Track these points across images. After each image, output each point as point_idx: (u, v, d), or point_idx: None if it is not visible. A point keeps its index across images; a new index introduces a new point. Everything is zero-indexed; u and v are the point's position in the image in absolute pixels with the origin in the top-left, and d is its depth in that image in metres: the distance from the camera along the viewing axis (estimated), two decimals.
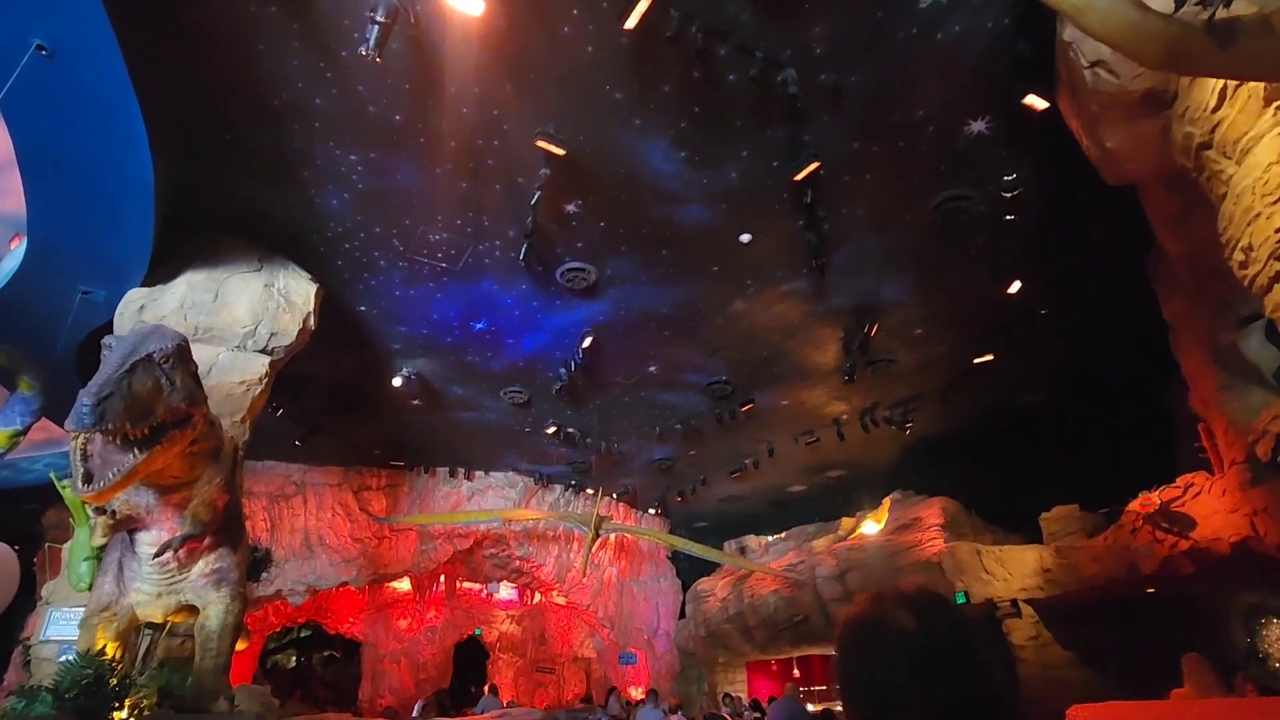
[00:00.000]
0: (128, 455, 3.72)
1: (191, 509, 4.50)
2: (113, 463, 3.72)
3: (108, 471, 3.68)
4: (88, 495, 3.70)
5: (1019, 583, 10.57)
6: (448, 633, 17.08)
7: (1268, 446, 5.25)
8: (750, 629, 14.75)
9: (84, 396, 3.49)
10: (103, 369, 3.65)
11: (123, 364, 3.63)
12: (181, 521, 4.47)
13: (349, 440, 12.05)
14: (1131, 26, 2.35)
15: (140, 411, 3.71)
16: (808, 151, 6.34)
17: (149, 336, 3.96)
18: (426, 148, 6.20)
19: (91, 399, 3.47)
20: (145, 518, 4.50)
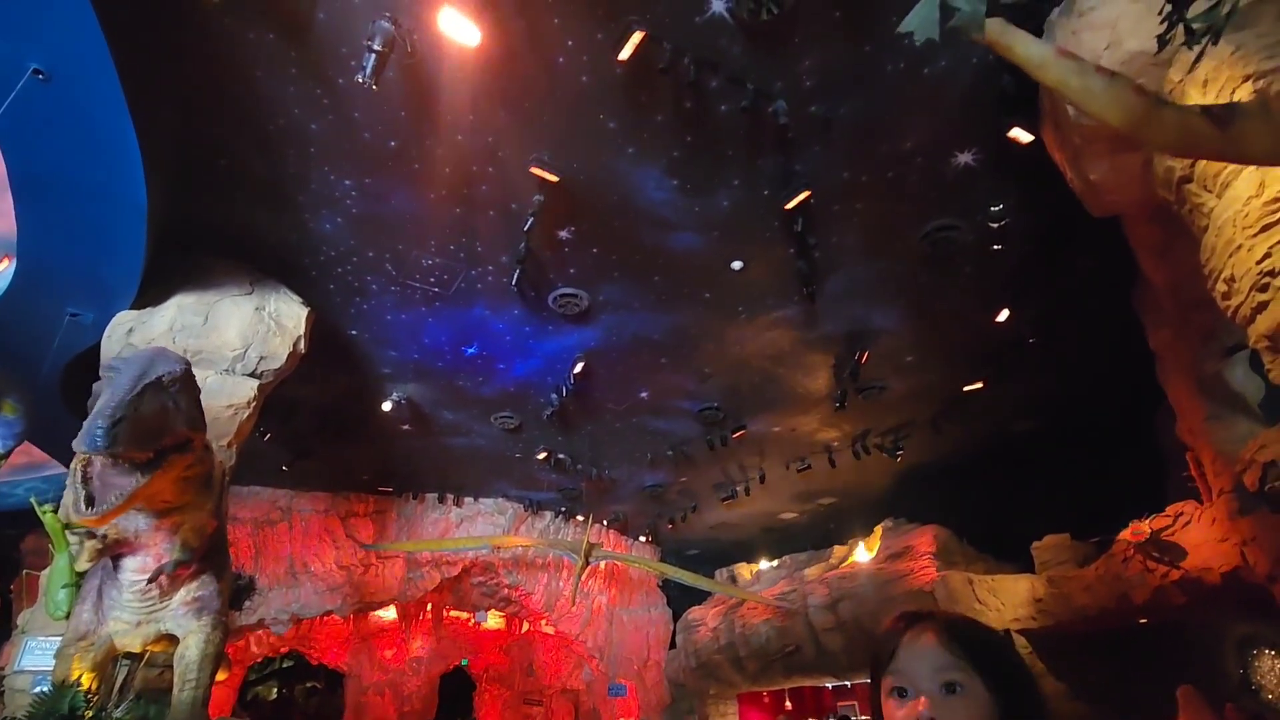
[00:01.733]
0: (129, 478, 3.70)
1: (182, 535, 4.43)
2: (113, 485, 3.69)
3: (109, 495, 3.65)
4: (89, 519, 3.67)
5: (1011, 613, 10.50)
6: (434, 663, 16.72)
7: (1255, 476, 5.28)
8: (742, 659, 14.53)
9: (97, 419, 3.46)
10: (113, 390, 3.62)
11: (133, 387, 3.61)
12: (169, 548, 4.39)
13: (337, 465, 11.92)
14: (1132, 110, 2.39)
15: (148, 435, 3.70)
16: (798, 181, 6.44)
17: (157, 359, 3.95)
18: (421, 174, 6.24)
19: (106, 421, 3.45)
20: (134, 542, 4.41)
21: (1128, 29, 4.55)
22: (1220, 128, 2.21)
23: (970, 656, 0.94)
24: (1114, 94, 2.39)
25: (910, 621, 1.01)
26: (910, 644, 0.97)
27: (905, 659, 0.97)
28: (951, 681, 0.92)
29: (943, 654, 0.95)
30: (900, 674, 0.96)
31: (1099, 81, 2.44)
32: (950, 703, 0.91)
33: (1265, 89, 2.25)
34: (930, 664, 0.94)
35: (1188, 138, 2.32)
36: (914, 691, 0.94)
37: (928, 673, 0.94)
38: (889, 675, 0.98)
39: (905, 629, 1.00)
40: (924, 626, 0.99)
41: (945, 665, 0.93)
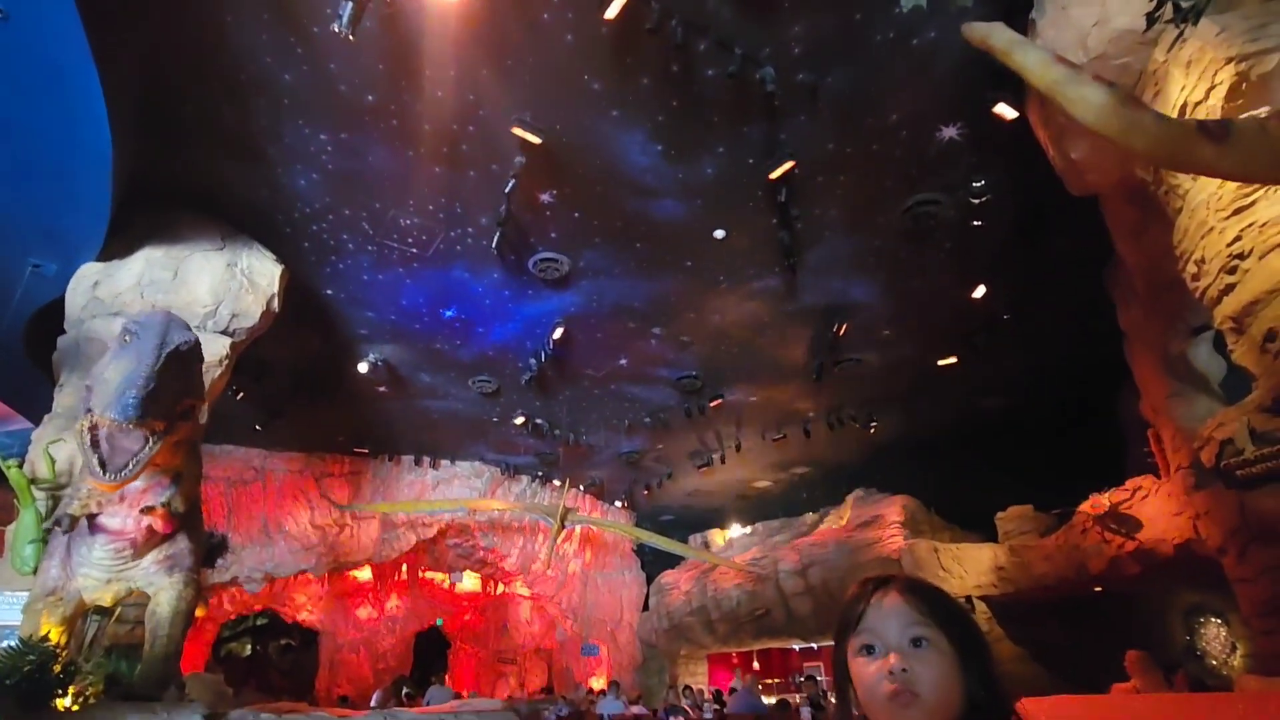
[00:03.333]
0: (138, 443, 3.78)
1: (173, 501, 4.41)
2: (124, 450, 3.75)
3: (121, 460, 3.72)
4: (107, 484, 3.76)
5: (974, 580, 10.86)
6: (409, 622, 16.91)
7: (1212, 453, 5.46)
8: (713, 622, 14.90)
9: (129, 388, 3.52)
10: (139, 358, 3.65)
11: (158, 356, 3.65)
12: (161, 495, 4.36)
13: (312, 426, 11.82)
14: (1125, 122, 2.37)
15: (168, 405, 3.80)
16: (783, 150, 6.39)
17: (172, 326, 3.95)
18: (399, 130, 6.09)
19: (140, 391, 3.51)
20: (115, 504, 4.36)
21: (1116, 6, 4.55)
22: (1214, 143, 2.20)
23: (932, 613, 0.99)
24: (1108, 105, 2.37)
25: (876, 585, 1.06)
26: (878, 604, 1.02)
27: (873, 618, 1.01)
28: (918, 636, 0.97)
29: (909, 611, 0.99)
30: (869, 632, 1.00)
31: (1094, 91, 2.42)
32: (919, 654, 0.95)
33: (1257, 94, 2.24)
34: (898, 621, 0.99)
35: (1181, 152, 2.31)
36: (882, 648, 0.98)
37: (896, 629, 0.98)
38: (857, 635, 1.02)
39: (873, 591, 1.04)
40: (889, 588, 1.04)
41: (911, 621, 0.98)
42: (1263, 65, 3.86)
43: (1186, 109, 4.26)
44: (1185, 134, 2.27)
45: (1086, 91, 2.44)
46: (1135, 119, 2.33)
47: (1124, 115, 2.35)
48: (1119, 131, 2.38)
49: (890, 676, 0.93)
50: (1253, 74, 3.88)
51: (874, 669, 0.97)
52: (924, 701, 0.92)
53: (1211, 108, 4.09)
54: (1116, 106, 2.36)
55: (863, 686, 0.99)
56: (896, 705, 0.93)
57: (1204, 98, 4.13)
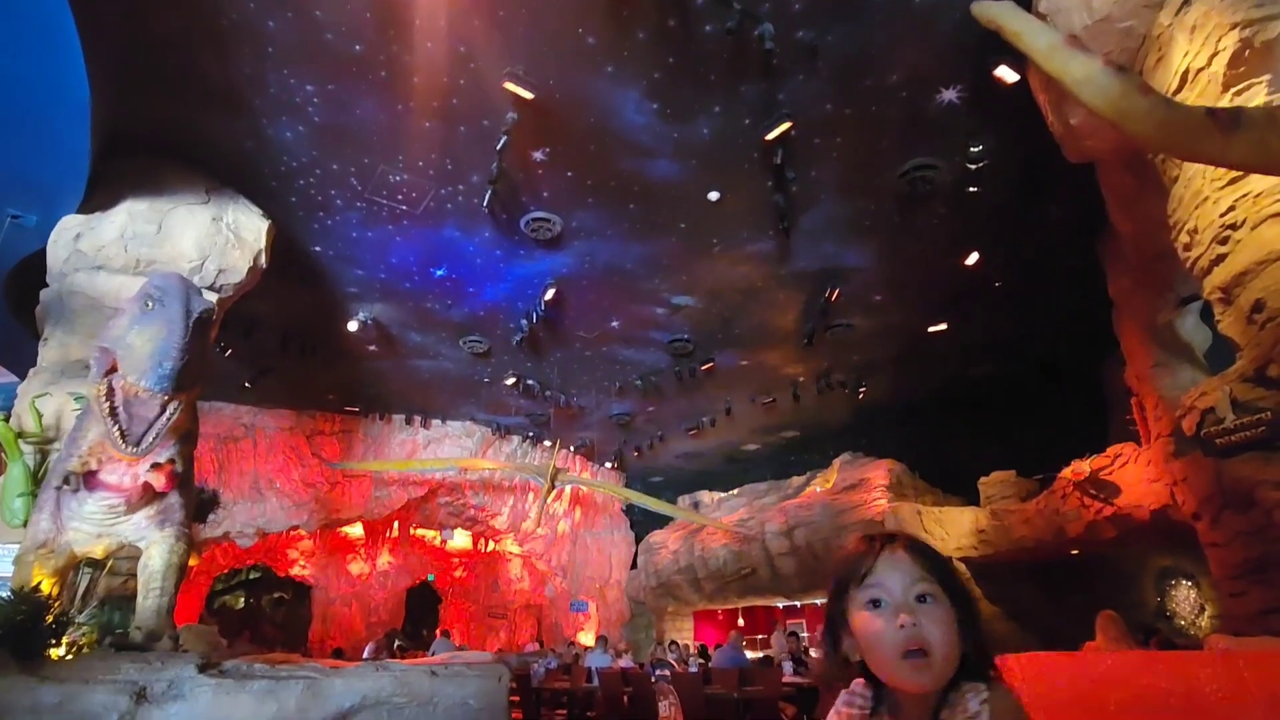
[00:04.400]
0: (155, 410, 3.79)
1: (173, 457, 4.42)
2: (141, 418, 3.80)
3: (139, 428, 3.78)
4: (131, 455, 3.81)
5: (955, 542, 11.10)
6: (400, 578, 17.18)
7: (1193, 421, 5.55)
8: (699, 580, 15.21)
9: (164, 359, 3.56)
10: (170, 329, 3.66)
11: (187, 326, 3.66)
12: (144, 467, 4.37)
13: (302, 384, 11.79)
14: (1133, 106, 2.31)
15: (193, 374, 3.80)
16: (780, 111, 6.28)
17: (192, 294, 3.93)
18: (388, 82, 5.93)
19: (175, 363, 3.56)
20: (116, 462, 4.36)
21: None
22: (1223, 133, 2.16)
23: (935, 571, 1.03)
24: (1119, 91, 2.32)
25: (884, 541, 1.08)
26: (886, 559, 1.04)
27: (882, 573, 1.03)
28: (924, 593, 1.00)
29: (915, 568, 1.02)
30: (878, 587, 1.03)
31: (1105, 76, 2.36)
32: (926, 610, 0.99)
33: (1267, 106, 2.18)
34: (905, 577, 1.01)
35: (1189, 140, 2.27)
36: (890, 602, 1.01)
37: (902, 585, 1.01)
38: (863, 589, 1.04)
39: (881, 547, 1.07)
40: (896, 544, 1.06)
41: (918, 578, 1.01)
42: (1267, 32, 3.81)
43: (1189, 75, 4.21)
44: (1194, 122, 2.23)
45: (1097, 76, 2.39)
46: (1145, 105, 2.29)
47: (1134, 101, 2.31)
48: (1128, 117, 2.33)
49: (903, 630, 0.97)
50: (1257, 40, 3.83)
51: (881, 623, 1.00)
52: (934, 660, 0.96)
53: (1214, 74, 4.05)
54: (1126, 92, 2.32)
55: (868, 638, 1.02)
56: (910, 665, 0.96)
57: (1206, 64, 4.08)
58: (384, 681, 3.85)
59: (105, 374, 3.80)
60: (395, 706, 3.77)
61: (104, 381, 3.77)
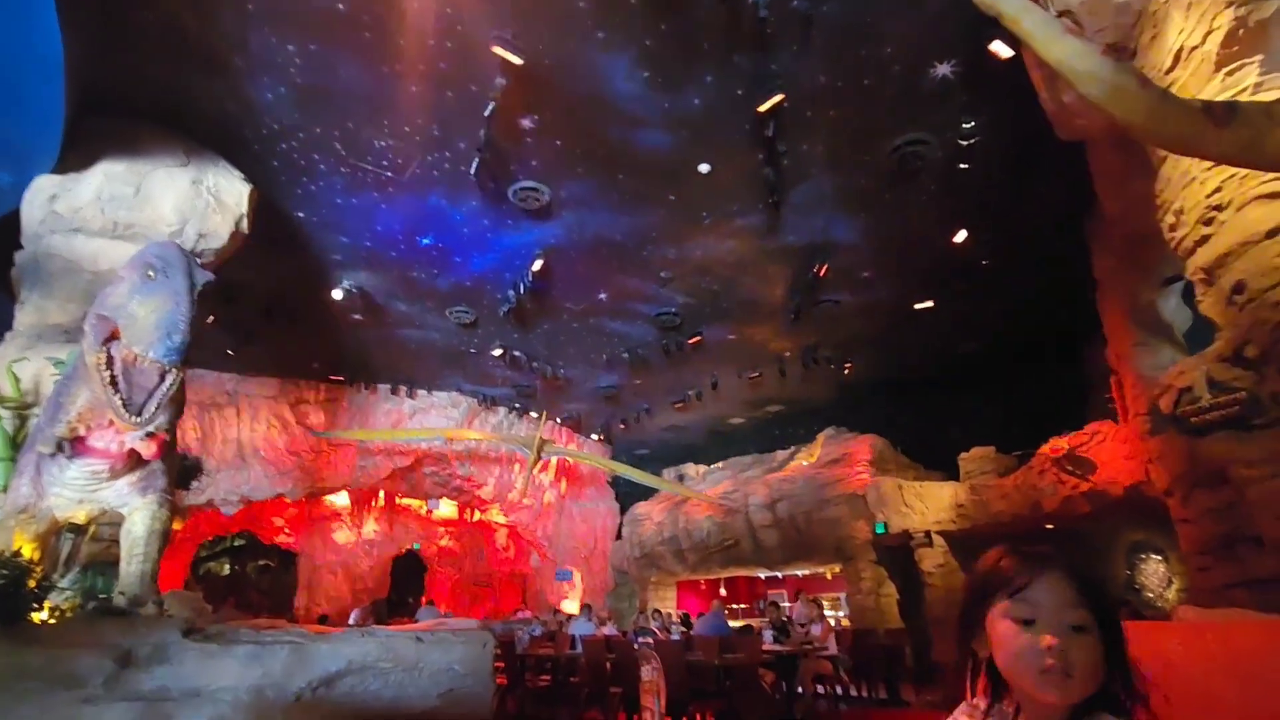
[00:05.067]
0: (154, 380, 3.80)
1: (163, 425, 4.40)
2: (140, 387, 3.80)
3: (140, 397, 3.79)
4: (134, 425, 3.81)
5: (934, 516, 11.32)
6: (386, 546, 17.27)
7: (1170, 400, 5.65)
8: (683, 551, 15.42)
9: (174, 333, 3.59)
10: (177, 301, 3.71)
11: (193, 300, 3.71)
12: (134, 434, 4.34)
13: (286, 352, 11.67)
14: (1131, 97, 2.30)
15: (190, 345, 3.81)
16: (773, 82, 6.21)
17: (192, 265, 3.92)
18: (373, 44, 5.78)
19: (183, 336, 3.60)
20: (106, 426, 4.32)
21: None
22: (1218, 126, 2.15)
23: (1092, 601, 1.02)
24: (1117, 82, 2.31)
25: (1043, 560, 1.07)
26: (1045, 582, 1.03)
27: (1038, 594, 1.03)
28: (1079, 624, 0.99)
29: (1073, 595, 1.01)
30: (1031, 605, 1.03)
31: (1104, 66, 2.35)
32: (1078, 640, 0.99)
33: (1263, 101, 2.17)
34: (1061, 602, 1.01)
35: (1184, 133, 2.27)
36: (1042, 624, 1.01)
37: (1058, 610, 1.01)
38: (1016, 603, 1.04)
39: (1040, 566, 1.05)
40: (1054, 566, 1.05)
41: (1074, 605, 1.01)
42: (1262, 10, 3.80)
43: (1183, 53, 4.20)
44: (1190, 115, 2.23)
45: (1095, 66, 2.39)
46: (1143, 97, 2.29)
47: (1131, 92, 2.30)
48: (1125, 108, 2.33)
49: (1049, 651, 0.97)
50: (1251, 19, 3.82)
51: (1027, 641, 1.00)
52: (1074, 682, 0.97)
53: (1207, 53, 4.04)
54: (1125, 83, 2.31)
55: (1009, 651, 1.02)
56: (1049, 679, 0.97)
57: (1201, 42, 4.07)
58: (369, 646, 3.89)
59: (104, 341, 3.76)
60: (381, 671, 3.82)
61: (103, 349, 3.74)
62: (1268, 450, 4.81)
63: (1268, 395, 4.74)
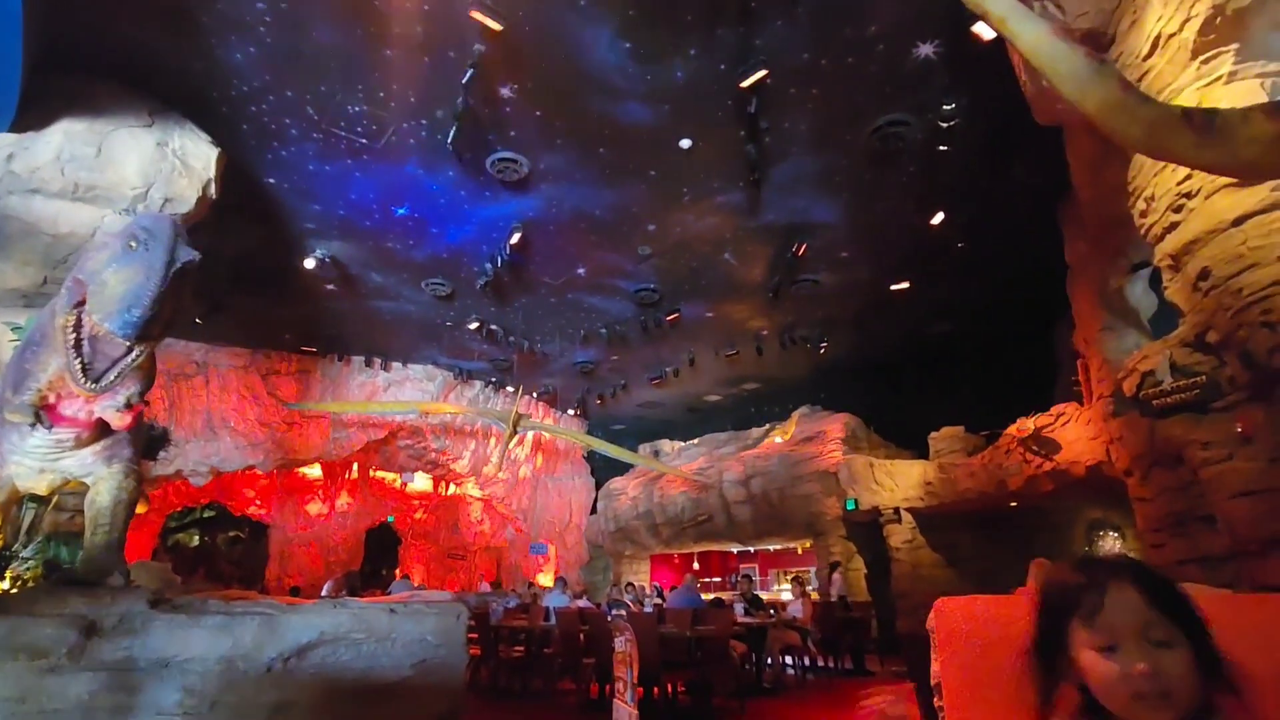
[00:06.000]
0: (123, 350, 3.68)
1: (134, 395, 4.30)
2: (105, 356, 3.69)
3: (103, 365, 3.70)
4: (88, 392, 3.70)
5: (903, 493, 11.57)
6: (359, 518, 17.20)
7: (1133, 383, 5.81)
8: (657, 526, 15.60)
9: (135, 305, 3.44)
10: (149, 275, 3.51)
11: (166, 276, 3.54)
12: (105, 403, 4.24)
13: (257, 322, 11.44)
14: (1112, 103, 2.31)
15: (163, 322, 3.70)
16: (757, 57, 6.14)
17: (178, 242, 3.75)
18: (346, 4, 5.59)
19: (144, 312, 3.43)
20: (74, 397, 4.20)
21: None
22: (1196, 134, 2.18)
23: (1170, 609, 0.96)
24: (1098, 84, 2.33)
25: (1109, 572, 1.00)
26: (1116, 599, 0.97)
27: (1112, 614, 0.96)
28: (1161, 640, 0.93)
29: (1148, 609, 0.95)
30: (1109, 631, 0.96)
31: (1086, 70, 2.37)
32: (1164, 655, 0.93)
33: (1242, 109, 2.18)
34: (1139, 619, 0.95)
35: (1162, 139, 2.29)
36: (1125, 649, 0.94)
37: (1138, 629, 0.94)
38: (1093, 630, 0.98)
39: (1107, 580, 0.99)
40: (1124, 578, 0.98)
41: (1153, 620, 0.95)
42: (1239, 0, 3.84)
43: (1160, 40, 4.24)
44: (1169, 121, 2.25)
45: (1078, 70, 2.40)
46: (1122, 102, 2.31)
47: (1113, 97, 2.32)
48: (1104, 112, 2.36)
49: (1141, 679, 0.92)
50: (1229, 8, 3.86)
51: (1115, 669, 0.94)
52: (1174, 703, 0.91)
53: (1184, 40, 4.08)
54: (1109, 89, 2.33)
55: (1101, 683, 0.96)
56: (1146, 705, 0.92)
57: (1178, 29, 4.11)
58: (342, 618, 3.88)
59: (75, 306, 3.65)
60: (353, 642, 3.82)
61: (73, 313, 3.64)
62: (1223, 433, 4.98)
63: (1226, 380, 4.90)
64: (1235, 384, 4.79)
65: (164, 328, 3.87)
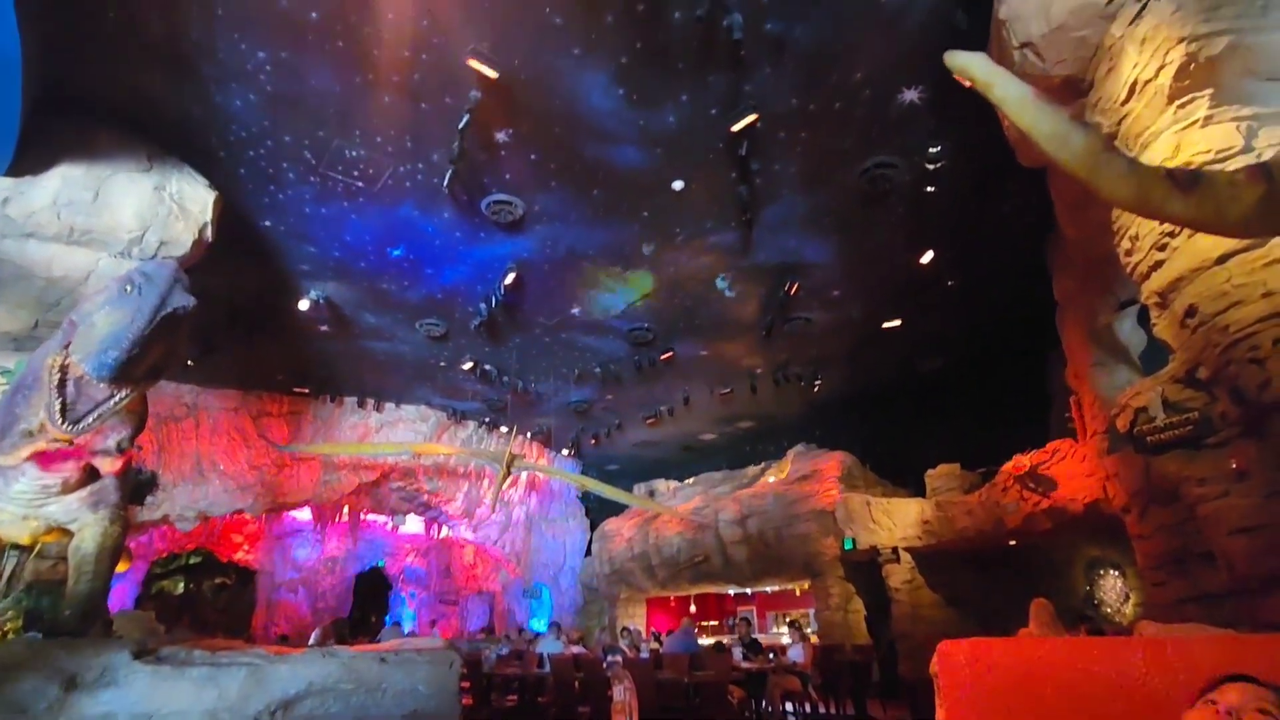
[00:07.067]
0: (106, 393, 3.63)
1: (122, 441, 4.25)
2: (90, 399, 3.66)
3: (85, 408, 3.65)
4: (65, 434, 3.66)
5: (901, 532, 11.45)
6: (349, 563, 16.86)
7: (1126, 420, 5.83)
8: (653, 567, 15.34)
9: (112, 349, 3.40)
10: (136, 317, 3.48)
11: (152, 319, 3.50)
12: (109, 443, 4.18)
13: (249, 363, 11.39)
14: (1096, 163, 2.40)
15: (149, 367, 3.68)
16: (747, 102, 6.30)
17: (175, 288, 3.73)
18: (346, 53, 5.72)
19: (122, 354, 3.39)
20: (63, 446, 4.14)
21: None
22: (1182, 194, 2.24)
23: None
24: (1082, 145, 2.42)
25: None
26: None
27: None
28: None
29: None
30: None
31: (1070, 130, 2.47)
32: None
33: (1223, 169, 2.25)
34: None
35: (1147, 198, 2.36)
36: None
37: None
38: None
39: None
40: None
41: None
42: (1211, 47, 3.98)
43: (1137, 86, 4.37)
44: (1154, 182, 2.32)
45: (1062, 131, 2.49)
46: (1107, 163, 2.38)
47: (1096, 157, 2.40)
48: (1090, 174, 2.43)
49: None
50: (1201, 55, 4.00)
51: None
52: None
53: (1160, 86, 4.22)
54: (1093, 150, 2.41)
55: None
56: None
57: (1154, 75, 4.25)
58: (331, 668, 3.77)
59: (64, 347, 3.64)
60: (342, 693, 3.70)
61: (61, 354, 3.62)
62: (1218, 469, 4.98)
63: (1218, 416, 4.92)
64: (1228, 420, 4.81)
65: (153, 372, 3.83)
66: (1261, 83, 4.01)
